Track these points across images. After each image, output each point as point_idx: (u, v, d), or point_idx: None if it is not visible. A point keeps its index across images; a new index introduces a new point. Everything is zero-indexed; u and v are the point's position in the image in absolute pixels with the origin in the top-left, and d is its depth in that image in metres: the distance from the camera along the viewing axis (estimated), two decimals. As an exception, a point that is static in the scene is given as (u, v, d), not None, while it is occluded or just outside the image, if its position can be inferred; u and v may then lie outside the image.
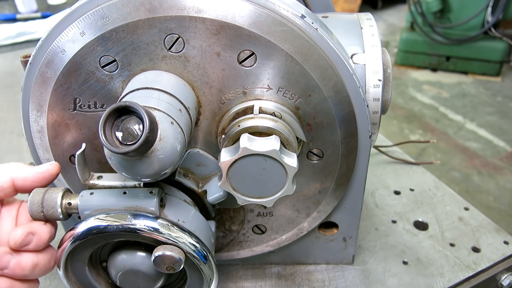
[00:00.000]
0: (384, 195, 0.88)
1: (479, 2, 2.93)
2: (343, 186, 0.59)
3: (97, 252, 0.55)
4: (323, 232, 0.68)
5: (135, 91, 0.46)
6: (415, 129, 2.74)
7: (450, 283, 0.68)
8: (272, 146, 0.46)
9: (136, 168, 0.41)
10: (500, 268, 0.72)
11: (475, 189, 2.23)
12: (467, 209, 0.83)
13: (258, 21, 0.47)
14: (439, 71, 3.37)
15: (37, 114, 0.51)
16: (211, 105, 0.52)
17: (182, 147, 0.43)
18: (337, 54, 0.50)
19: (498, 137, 2.62)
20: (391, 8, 4.58)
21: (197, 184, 0.56)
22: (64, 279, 0.52)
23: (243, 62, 0.49)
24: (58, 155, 0.54)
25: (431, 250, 0.75)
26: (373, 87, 0.55)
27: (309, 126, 0.53)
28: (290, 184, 0.49)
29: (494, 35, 3.02)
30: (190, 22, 0.46)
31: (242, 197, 0.51)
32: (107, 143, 0.38)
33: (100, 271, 0.56)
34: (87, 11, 0.47)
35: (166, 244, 0.47)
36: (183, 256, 0.46)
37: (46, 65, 0.49)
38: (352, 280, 0.69)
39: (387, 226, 0.80)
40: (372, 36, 0.57)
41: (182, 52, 0.48)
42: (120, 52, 0.48)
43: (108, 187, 0.49)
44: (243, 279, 0.70)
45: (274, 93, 0.50)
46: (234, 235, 0.64)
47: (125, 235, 0.48)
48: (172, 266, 0.46)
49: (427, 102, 3.02)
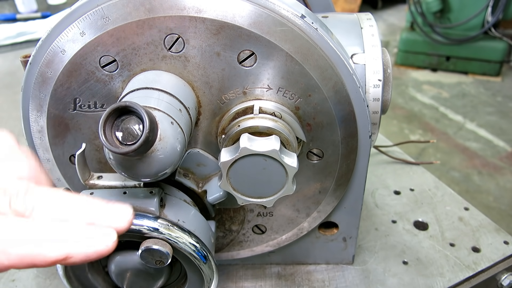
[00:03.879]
0: (384, 195, 0.88)
1: (479, 2, 2.93)
2: (343, 186, 0.59)
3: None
4: (323, 232, 0.68)
5: (135, 91, 0.46)
6: (415, 129, 2.74)
7: (450, 283, 0.68)
8: (272, 146, 0.46)
9: (136, 168, 0.41)
10: (500, 268, 0.72)
11: (475, 189, 2.23)
12: (467, 209, 0.83)
13: (258, 21, 0.47)
14: (439, 71, 3.37)
15: (37, 114, 0.51)
16: (211, 105, 0.52)
17: (182, 147, 0.43)
18: (337, 54, 0.50)
19: (498, 137, 2.62)
20: (391, 8, 4.58)
21: (197, 184, 0.56)
22: (64, 279, 0.52)
23: (243, 62, 0.49)
24: (58, 155, 0.54)
25: (431, 250, 0.75)
26: (373, 87, 0.55)
27: (309, 126, 0.53)
28: (290, 184, 0.49)
29: (494, 35, 3.02)
30: (190, 22, 0.46)
31: (242, 197, 0.51)
32: (107, 143, 0.38)
33: (100, 271, 0.56)
34: (87, 11, 0.47)
35: (151, 238, 0.46)
36: (170, 249, 0.46)
37: (46, 65, 0.49)
38: (352, 280, 0.69)
39: (387, 226, 0.80)
40: (372, 36, 0.57)
41: (182, 52, 0.48)
42: (120, 52, 0.48)
43: (108, 187, 0.49)
44: (243, 279, 0.70)
45: (274, 93, 0.50)
46: (234, 235, 0.64)
47: (125, 235, 0.48)
48: (160, 259, 0.46)
49: (427, 102, 3.02)
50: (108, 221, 0.36)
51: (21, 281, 0.71)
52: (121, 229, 0.36)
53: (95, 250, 0.34)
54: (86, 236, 0.34)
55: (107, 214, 0.36)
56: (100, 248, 0.34)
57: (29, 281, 0.71)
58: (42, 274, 0.72)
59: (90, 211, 0.36)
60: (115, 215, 0.36)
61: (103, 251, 0.34)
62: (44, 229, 0.33)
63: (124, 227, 0.36)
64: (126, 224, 0.36)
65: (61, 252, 0.33)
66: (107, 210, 0.36)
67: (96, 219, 0.35)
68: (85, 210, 0.36)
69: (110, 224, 0.36)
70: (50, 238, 0.33)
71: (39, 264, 0.32)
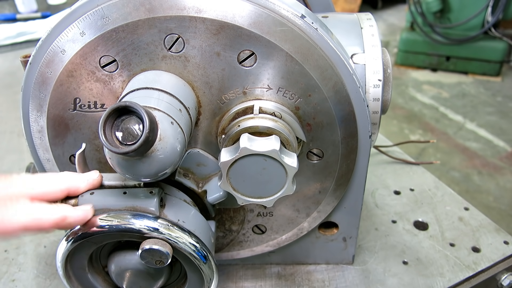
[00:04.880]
0: (384, 195, 0.88)
1: (479, 2, 2.93)
2: (343, 186, 0.59)
3: (97, 253, 0.55)
4: (323, 232, 0.68)
5: (135, 91, 0.46)
6: (415, 129, 2.74)
7: (450, 283, 0.68)
8: (272, 146, 0.46)
9: (136, 168, 0.41)
10: (500, 268, 0.72)
11: (475, 189, 2.23)
12: (467, 209, 0.83)
13: (258, 21, 0.47)
14: (439, 71, 3.37)
15: (37, 114, 0.51)
16: (211, 105, 0.52)
17: (182, 147, 0.43)
18: (337, 54, 0.50)
19: (498, 137, 2.62)
20: (391, 8, 4.58)
21: (197, 184, 0.56)
22: (64, 279, 0.52)
23: (243, 62, 0.49)
24: (58, 155, 0.54)
25: (431, 250, 0.75)
26: (373, 87, 0.55)
27: (309, 126, 0.53)
28: (290, 184, 0.49)
29: (494, 35, 3.01)
30: (190, 22, 0.46)
31: (242, 197, 0.51)
32: (107, 143, 0.38)
33: (100, 271, 0.56)
34: (87, 11, 0.47)
35: (151, 238, 0.46)
36: (170, 249, 0.46)
37: (46, 65, 0.49)
38: (352, 280, 0.69)
39: (387, 226, 0.80)
40: (372, 36, 0.57)
41: (182, 52, 0.48)
42: (120, 52, 0.48)
43: (108, 187, 0.49)
44: (243, 279, 0.70)
45: (274, 93, 0.50)
46: (234, 235, 0.64)
47: (125, 235, 0.48)
48: (160, 259, 0.46)
49: (427, 102, 3.02)
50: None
51: (21, 281, 0.71)
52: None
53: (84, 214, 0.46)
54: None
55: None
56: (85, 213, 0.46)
57: (29, 281, 0.71)
58: (42, 274, 0.72)
59: None
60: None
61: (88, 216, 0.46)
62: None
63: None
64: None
65: (60, 214, 0.43)
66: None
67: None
68: None
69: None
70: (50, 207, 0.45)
71: (44, 225, 0.43)
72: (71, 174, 0.48)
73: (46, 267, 0.73)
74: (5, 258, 0.75)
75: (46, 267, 0.73)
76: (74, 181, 0.47)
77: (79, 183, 0.47)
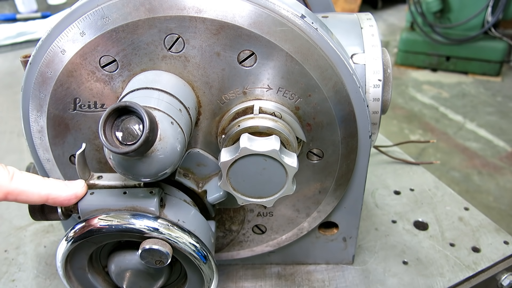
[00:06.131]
0: (384, 195, 0.88)
1: (479, 2, 2.93)
2: (343, 186, 0.59)
3: (97, 253, 0.55)
4: (323, 232, 0.68)
5: (135, 91, 0.46)
6: (415, 129, 2.74)
7: (450, 283, 0.68)
8: (272, 146, 0.46)
9: (136, 168, 0.41)
10: (500, 268, 0.72)
11: (475, 189, 2.23)
12: (467, 209, 0.83)
13: (258, 21, 0.47)
14: (439, 71, 3.37)
15: (37, 114, 0.51)
16: (211, 105, 0.52)
17: (182, 147, 0.43)
18: (337, 54, 0.50)
19: (498, 137, 2.62)
20: (391, 8, 4.58)
21: (197, 184, 0.56)
22: (64, 279, 0.52)
23: (243, 62, 0.49)
24: (58, 155, 0.54)
25: (431, 250, 0.75)
26: (373, 87, 0.55)
27: (309, 126, 0.53)
28: (290, 184, 0.49)
29: (494, 35, 3.02)
30: (190, 22, 0.46)
31: (242, 197, 0.51)
32: (107, 143, 0.38)
33: (100, 271, 0.56)
34: (87, 11, 0.47)
35: (151, 238, 0.46)
36: (170, 249, 0.46)
37: (46, 65, 0.49)
38: (352, 280, 0.69)
39: (387, 226, 0.80)
40: (372, 36, 0.57)
41: (182, 52, 0.48)
42: (120, 52, 0.48)
43: (108, 187, 0.49)
44: (243, 279, 0.70)
45: (274, 93, 0.50)
46: (234, 235, 0.64)
47: (125, 235, 0.48)
48: (160, 259, 0.46)
49: (427, 102, 3.02)
50: None
51: (21, 281, 0.71)
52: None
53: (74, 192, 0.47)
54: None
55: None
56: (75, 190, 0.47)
57: (29, 281, 0.71)
58: (42, 274, 0.72)
59: None
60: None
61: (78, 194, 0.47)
62: None
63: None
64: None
65: (46, 191, 0.45)
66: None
67: None
68: None
69: None
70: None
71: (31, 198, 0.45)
72: (56, 182, 0.47)
73: (46, 267, 0.73)
74: (5, 258, 0.75)
75: (46, 267, 0.73)
76: (57, 190, 0.46)
77: (60, 192, 0.46)
